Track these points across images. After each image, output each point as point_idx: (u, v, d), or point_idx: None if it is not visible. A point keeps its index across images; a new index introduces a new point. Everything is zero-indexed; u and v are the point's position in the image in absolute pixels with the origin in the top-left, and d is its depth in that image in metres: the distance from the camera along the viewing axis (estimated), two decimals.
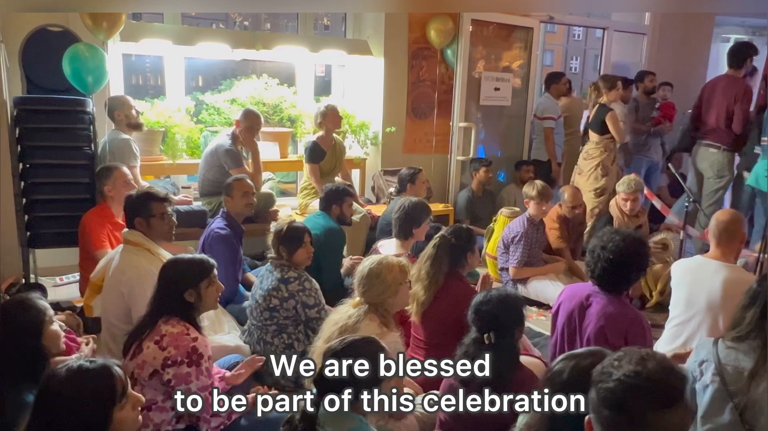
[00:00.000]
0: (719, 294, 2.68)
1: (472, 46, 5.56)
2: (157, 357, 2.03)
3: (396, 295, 2.43)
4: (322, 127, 4.60)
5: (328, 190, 3.80)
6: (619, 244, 2.37)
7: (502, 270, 4.37)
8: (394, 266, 2.43)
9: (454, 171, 5.63)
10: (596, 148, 4.92)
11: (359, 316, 2.35)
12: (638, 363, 1.23)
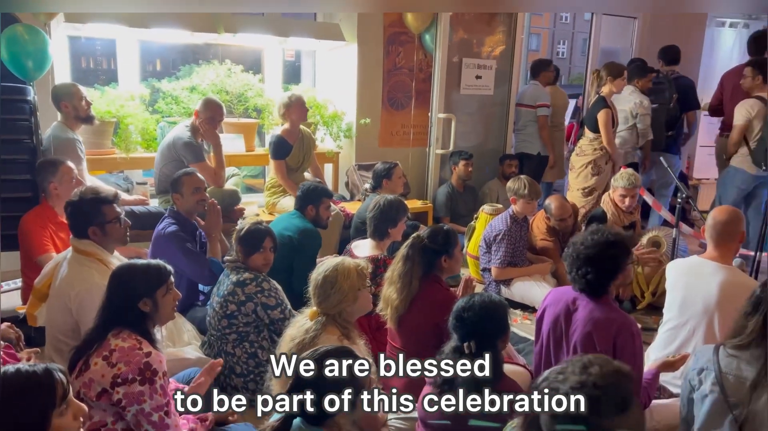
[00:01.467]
0: (716, 297, 2.69)
1: (453, 31, 5.54)
2: (106, 375, 1.96)
3: (355, 302, 2.39)
4: (287, 119, 4.54)
5: (305, 189, 3.74)
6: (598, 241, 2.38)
7: (483, 270, 4.37)
8: (351, 271, 2.39)
9: (433, 165, 5.62)
10: (589, 145, 4.86)
11: (317, 330, 2.31)
12: (582, 372, 1.25)
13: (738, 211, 2.98)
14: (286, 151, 4.52)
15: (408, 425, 2.41)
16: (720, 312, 2.67)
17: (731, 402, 1.91)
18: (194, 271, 3.31)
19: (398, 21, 5.32)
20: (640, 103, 5.20)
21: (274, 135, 4.56)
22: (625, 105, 5.24)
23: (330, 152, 5.26)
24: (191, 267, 3.29)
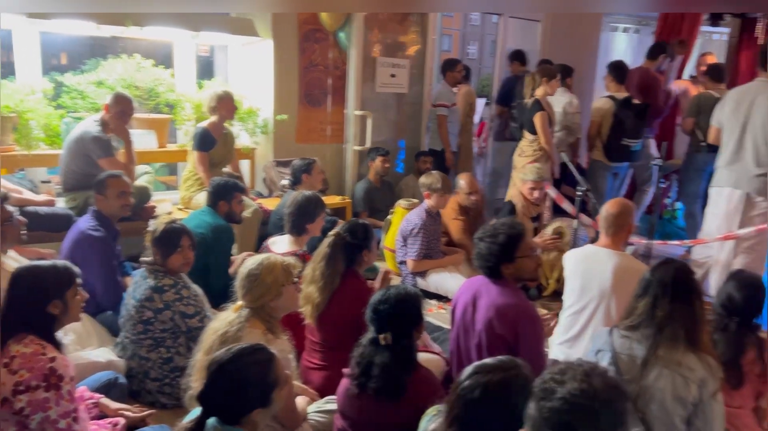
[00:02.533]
0: (610, 281, 2.86)
1: (368, 30, 5.56)
2: (7, 383, 1.83)
3: (279, 298, 2.37)
4: (216, 113, 4.40)
5: (216, 185, 3.64)
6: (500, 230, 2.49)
7: (401, 263, 4.43)
8: (276, 266, 2.37)
9: (351, 161, 5.62)
10: (529, 146, 4.91)
11: (241, 322, 2.26)
12: (583, 380, 1.23)
13: (628, 203, 3.17)
14: (210, 144, 4.39)
15: (328, 418, 2.40)
16: (615, 296, 2.83)
17: (625, 380, 2.03)
18: (102, 288, 3.14)
19: (313, 18, 5.27)
20: (569, 102, 5.40)
21: (200, 127, 4.41)
22: (557, 106, 5.40)
23: (246, 148, 5.14)
24: (102, 282, 3.13)
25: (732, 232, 3.87)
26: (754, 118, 3.76)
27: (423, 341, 2.93)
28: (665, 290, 2.03)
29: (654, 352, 2.00)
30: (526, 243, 2.56)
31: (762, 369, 2.34)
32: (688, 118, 5.16)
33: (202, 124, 4.44)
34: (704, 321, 2.07)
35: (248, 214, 4.19)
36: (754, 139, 3.76)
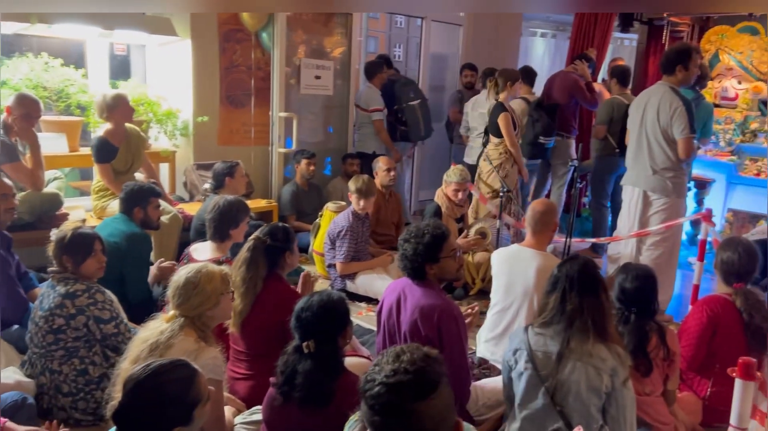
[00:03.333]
0: (533, 280, 2.94)
1: (291, 31, 5.49)
2: None
3: (216, 307, 2.30)
4: (110, 120, 4.17)
5: (129, 190, 3.48)
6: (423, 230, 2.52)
7: (329, 266, 4.40)
8: (215, 275, 2.30)
9: (276, 164, 5.53)
10: (495, 150, 4.89)
11: (173, 331, 2.18)
12: (394, 360, 1.31)
13: (553, 203, 3.28)
14: (111, 154, 4.15)
15: (254, 428, 2.35)
16: (537, 295, 2.91)
17: (542, 376, 2.10)
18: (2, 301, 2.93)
19: (233, 18, 5.14)
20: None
21: (96, 137, 4.18)
22: (483, 108, 5.47)
23: (165, 151, 4.96)
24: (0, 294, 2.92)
25: (643, 230, 4.06)
26: (646, 119, 3.98)
27: (352, 345, 2.92)
28: (572, 284, 2.11)
29: (567, 346, 2.08)
30: (450, 243, 2.59)
31: (666, 353, 2.47)
32: (600, 126, 5.34)
33: (98, 134, 4.21)
34: (611, 313, 2.18)
35: (167, 220, 4.04)
36: (647, 139, 3.98)
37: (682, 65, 3.86)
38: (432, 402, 1.27)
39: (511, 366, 2.20)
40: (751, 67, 6.01)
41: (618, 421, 2.08)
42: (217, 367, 2.16)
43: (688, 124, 3.79)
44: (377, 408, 1.27)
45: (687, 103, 3.84)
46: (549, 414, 2.08)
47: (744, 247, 2.81)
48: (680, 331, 2.85)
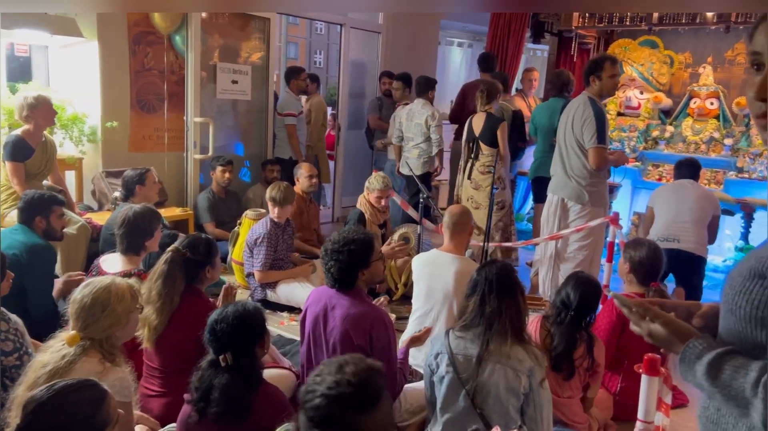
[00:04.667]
0: (452, 284, 2.99)
1: (206, 34, 5.34)
2: None
3: (126, 326, 2.16)
4: (30, 122, 3.95)
5: (29, 199, 3.25)
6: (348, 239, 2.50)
7: (248, 275, 4.29)
8: (125, 292, 2.15)
9: (192, 170, 5.36)
10: (491, 161, 4.78)
11: (76, 355, 2.03)
12: (337, 371, 1.30)
13: (467, 208, 3.35)
14: (27, 153, 3.93)
15: None
16: (457, 298, 2.96)
17: (463, 379, 2.14)
18: None
19: (144, 20, 4.95)
20: (432, 114, 5.52)
21: (13, 134, 3.93)
22: (419, 118, 5.51)
23: (71, 158, 4.69)
24: None
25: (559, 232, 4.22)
26: (566, 128, 4.14)
27: (272, 356, 2.85)
28: (491, 287, 2.17)
29: (486, 348, 2.13)
30: (377, 247, 2.60)
31: (590, 364, 2.57)
32: None
33: (15, 132, 3.97)
34: (527, 315, 2.24)
35: (74, 230, 3.82)
36: (566, 148, 4.13)
37: (595, 75, 3.96)
38: (373, 415, 1.26)
39: (433, 370, 2.22)
40: (651, 78, 6.40)
41: (535, 420, 2.15)
42: (124, 389, 2.03)
43: (596, 134, 3.85)
44: (317, 420, 1.25)
45: (597, 114, 3.89)
46: (470, 417, 2.12)
47: (650, 246, 2.97)
48: (593, 329, 2.97)
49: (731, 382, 0.92)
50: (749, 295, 0.93)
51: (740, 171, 5.68)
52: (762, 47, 0.94)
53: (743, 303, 0.94)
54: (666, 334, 1.04)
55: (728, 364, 0.93)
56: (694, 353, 0.99)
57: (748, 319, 0.94)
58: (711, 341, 0.99)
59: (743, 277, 0.95)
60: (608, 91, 4.11)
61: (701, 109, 6.10)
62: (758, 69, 0.95)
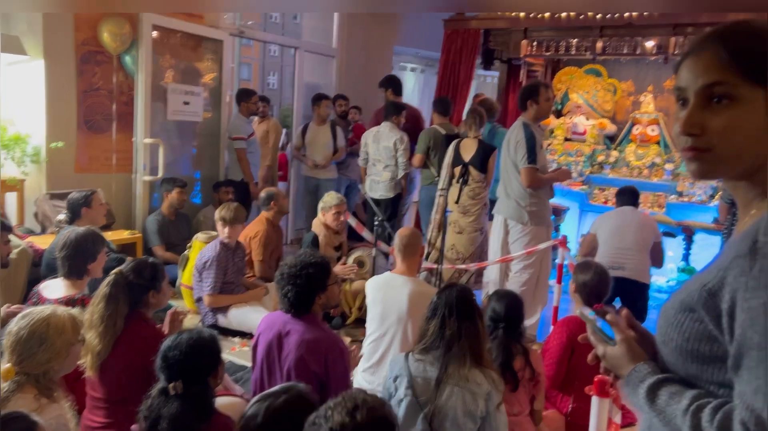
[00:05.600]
0: (406, 306, 2.99)
1: (158, 55, 5.26)
2: None
3: (66, 359, 2.06)
4: None
5: None
6: (304, 261, 2.47)
7: (198, 300, 4.19)
8: (65, 324, 2.04)
9: (141, 192, 5.22)
10: (480, 187, 4.75)
11: (9, 391, 1.91)
12: (348, 413, 1.26)
13: (417, 230, 3.38)
14: None
15: None
16: (411, 321, 2.96)
17: (421, 402, 2.13)
18: None
19: (93, 39, 4.84)
20: (400, 138, 5.53)
21: None
22: (388, 141, 5.52)
23: (13, 179, 4.52)
24: None
25: (506, 256, 4.29)
26: (502, 152, 4.27)
27: (225, 384, 2.78)
28: (451, 310, 2.19)
29: (445, 371, 2.13)
30: (330, 277, 2.58)
31: (531, 374, 2.62)
32: (418, 155, 5.51)
33: None
34: (486, 338, 2.27)
35: (15, 254, 3.65)
36: (507, 170, 4.25)
37: (532, 100, 4.14)
38: None
39: (392, 393, 2.21)
40: (596, 105, 6.64)
41: None
42: (62, 426, 1.92)
43: (527, 155, 4.02)
44: None
45: (528, 136, 4.05)
46: None
47: (598, 269, 3.04)
48: (543, 351, 3.02)
49: (666, 408, 0.94)
50: (680, 328, 0.96)
51: (680, 195, 5.92)
52: (686, 83, 0.98)
53: (675, 335, 0.97)
54: (620, 353, 1.06)
55: (665, 390, 0.96)
56: (638, 376, 1.01)
57: (679, 351, 0.97)
58: (656, 367, 1.02)
59: (675, 310, 0.98)
60: (544, 113, 4.28)
61: (643, 136, 6.35)
62: (683, 104, 0.99)
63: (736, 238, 0.93)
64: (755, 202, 0.97)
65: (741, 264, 0.87)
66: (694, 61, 0.97)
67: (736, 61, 0.92)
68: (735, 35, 0.95)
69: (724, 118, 0.93)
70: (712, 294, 0.91)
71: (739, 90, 0.92)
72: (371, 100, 7.39)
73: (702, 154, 0.96)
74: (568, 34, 6.28)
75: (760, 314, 0.82)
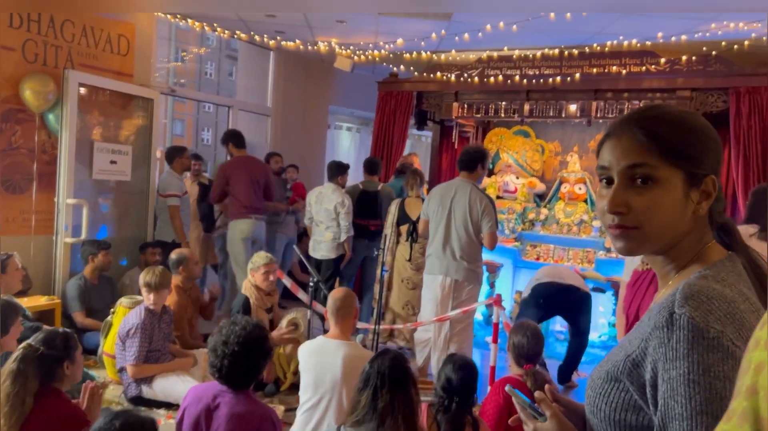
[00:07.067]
0: (340, 372, 2.92)
1: (85, 113, 5.13)
2: None
3: None
4: None
5: None
6: (241, 334, 2.38)
7: (121, 370, 3.96)
8: None
9: (62, 255, 4.98)
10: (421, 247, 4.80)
11: None
12: None
13: (351, 291, 3.35)
14: None
15: None
16: (346, 387, 2.89)
17: None
18: None
19: (14, 97, 4.68)
20: (341, 202, 5.50)
21: None
22: (329, 203, 5.49)
23: None
24: None
25: (444, 315, 4.31)
26: (455, 213, 4.33)
27: None
28: (384, 380, 2.14)
29: None
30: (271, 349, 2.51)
31: None
32: None
33: None
34: (419, 406, 2.22)
35: None
36: (457, 231, 4.31)
37: (481, 164, 4.36)
38: None
39: None
40: (526, 165, 6.90)
41: None
42: None
43: (494, 220, 4.28)
44: None
45: (491, 201, 4.35)
46: None
47: (531, 331, 3.09)
48: (480, 413, 2.99)
49: None
50: (607, 398, 0.98)
51: (609, 251, 6.15)
52: (608, 163, 1.03)
53: (603, 405, 0.99)
54: (550, 429, 1.07)
55: None
56: None
57: (608, 421, 0.98)
58: None
59: (602, 380, 1.01)
60: (481, 178, 4.54)
61: (571, 194, 6.62)
62: (607, 182, 1.03)
63: (655, 308, 0.97)
64: (671, 275, 1.03)
65: (659, 335, 0.90)
66: (615, 143, 1.03)
67: (655, 144, 0.98)
68: (651, 119, 1.01)
69: (646, 198, 0.98)
70: (636, 364, 0.93)
71: (659, 171, 0.98)
72: (308, 158, 7.43)
73: (629, 232, 1.00)
74: (497, 98, 6.57)
75: (680, 384, 0.85)
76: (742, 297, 0.92)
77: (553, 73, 6.24)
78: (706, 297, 0.89)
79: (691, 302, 0.89)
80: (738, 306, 0.89)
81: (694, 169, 0.98)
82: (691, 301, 0.89)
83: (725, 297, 0.90)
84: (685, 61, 5.73)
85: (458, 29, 5.63)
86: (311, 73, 7.73)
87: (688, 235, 1.01)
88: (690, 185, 0.99)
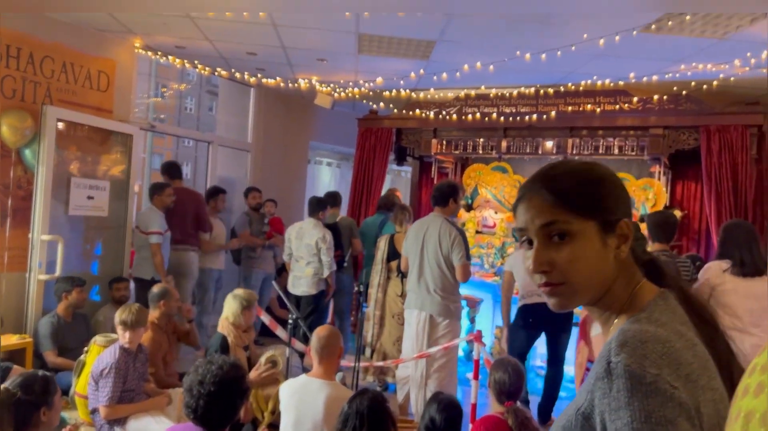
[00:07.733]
0: (322, 413, 2.87)
1: (62, 148, 5.09)
2: None
3: None
4: None
5: None
6: (218, 374, 2.33)
7: (93, 412, 3.84)
8: None
9: (35, 293, 4.87)
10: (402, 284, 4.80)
11: None
12: None
13: (336, 329, 3.31)
14: None
15: None
16: (327, 428, 2.84)
17: None
18: None
19: None
20: (322, 237, 5.47)
21: None
22: (310, 239, 5.47)
23: None
24: None
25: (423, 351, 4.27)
26: (427, 247, 4.34)
27: None
28: (362, 421, 2.11)
29: None
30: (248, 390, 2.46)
31: None
32: None
33: None
34: None
35: None
36: (429, 266, 4.32)
37: (453, 198, 4.38)
38: None
39: None
40: (504, 200, 6.98)
41: None
42: None
43: (465, 252, 4.24)
44: None
45: (462, 233, 4.33)
46: None
47: (512, 367, 3.08)
48: None
49: None
50: None
51: None
52: (524, 224, 1.06)
53: None
54: None
55: None
56: None
57: None
58: None
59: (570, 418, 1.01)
60: (455, 212, 4.59)
61: None
62: (529, 244, 1.06)
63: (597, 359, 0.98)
64: (612, 321, 1.04)
65: (602, 386, 0.90)
66: (527, 205, 1.06)
67: (562, 201, 1.02)
68: (555, 178, 1.05)
69: (566, 253, 1.01)
70: (586, 417, 0.94)
71: (572, 226, 1.01)
72: (288, 193, 7.43)
73: (557, 288, 1.03)
74: (474, 134, 6.67)
75: None
76: (677, 335, 0.93)
77: (530, 111, 6.37)
78: (640, 341, 0.90)
79: (625, 349, 0.89)
80: (673, 345, 0.90)
81: (605, 216, 1.02)
82: (626, 348, 0.89)
83: (659, 338, 0.91)
84: (656, 100, 5.89)
85: (436, 68, 5.74)
86: (292, 109, 7.79)
87: (616, 280, 1.03)
88: (605, 232, 1.02)
